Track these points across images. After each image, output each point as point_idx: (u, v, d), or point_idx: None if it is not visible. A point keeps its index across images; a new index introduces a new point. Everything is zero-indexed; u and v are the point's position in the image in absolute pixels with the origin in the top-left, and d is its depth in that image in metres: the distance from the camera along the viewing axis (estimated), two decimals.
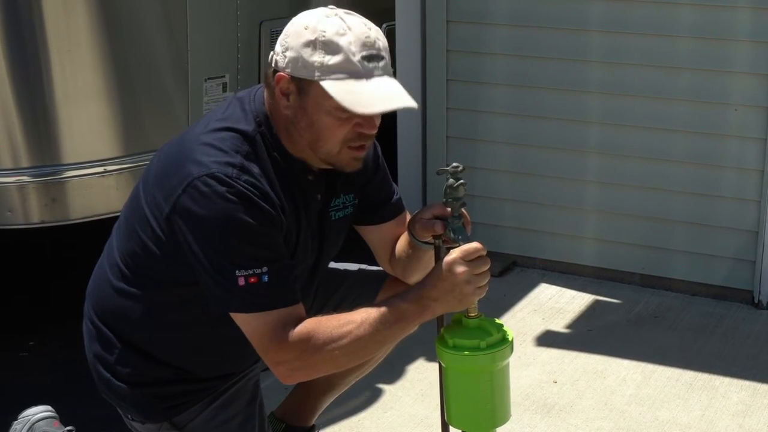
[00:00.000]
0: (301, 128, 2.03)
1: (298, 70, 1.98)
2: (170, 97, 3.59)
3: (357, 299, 2.48)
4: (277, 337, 1.99)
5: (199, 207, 1.97)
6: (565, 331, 3.73)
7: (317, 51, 1.96)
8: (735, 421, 3.11)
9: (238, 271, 1.97)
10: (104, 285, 2.24)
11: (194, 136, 2.08)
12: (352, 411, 3.13)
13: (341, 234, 2.31)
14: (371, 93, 1.97)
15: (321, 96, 1.97)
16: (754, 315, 3.83)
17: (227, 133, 2.05)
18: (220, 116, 2.11)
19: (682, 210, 3.94)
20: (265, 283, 1.97)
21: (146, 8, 3.49)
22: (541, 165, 4.13)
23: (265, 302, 1.99)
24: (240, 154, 2.01)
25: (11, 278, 4.18)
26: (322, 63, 1.95)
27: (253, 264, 1.97)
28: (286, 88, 2.01)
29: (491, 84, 4.14)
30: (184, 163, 2.02)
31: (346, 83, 1.96)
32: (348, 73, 1.96)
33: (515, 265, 4.26)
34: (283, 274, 2.00)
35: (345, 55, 1.95)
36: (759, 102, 3.72)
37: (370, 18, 2.08)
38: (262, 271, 1.97)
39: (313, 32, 1.97)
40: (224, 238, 1.97)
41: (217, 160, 1.99)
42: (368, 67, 1.97)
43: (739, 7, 3.68)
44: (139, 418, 2.26)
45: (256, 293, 1.98)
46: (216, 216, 1.96)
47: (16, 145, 3.29)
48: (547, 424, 3.10)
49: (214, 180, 1.97)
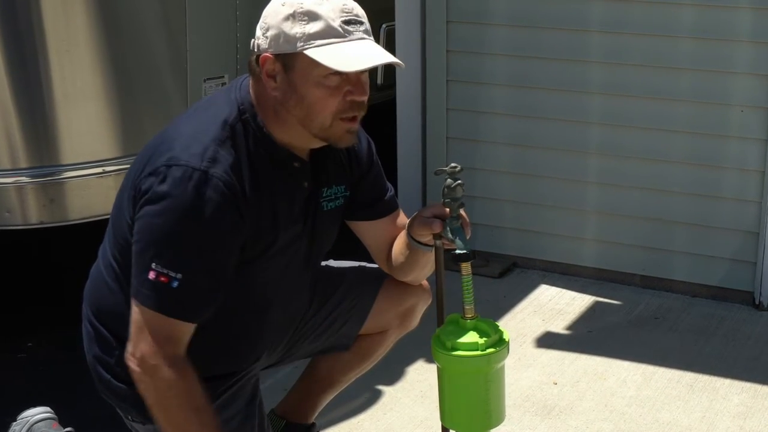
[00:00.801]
0: (291, 106, 2.04)
1: (281, 46, 2.00)
2: (169, 98, 3.59)
3: (356, 299, 2.48)
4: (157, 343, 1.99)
5: (156, 190, 1.98)
6: (566, 333, 3.73)
7: (297, 22, 1.99)
8: (736, 422, 3.11)
9: (155, 263, 1.98)
10: (100, 285, 2.24)
11: (175, 125, 2.10)
12: (351, 412, 3.13)
13: (334, 225, 2.31)
14: (356, 52, 1.99)
15: (308, 66, 1.99)
16: (755, 316, 3.83)
17: (207, 121, 2.06)
18: (204, 104, 2.13)
19: (682, 211, 3.94)
20: (173, 288, 1.98)
21: (145, 9, 3.48)
22: (542, 166, 4.12)
23: (164, 307, 1.99)
24: (215, 143, 2.02)
25: (10, 279, 4.18)
26: (304, 32, 1.98)
27: (172, 265, 1.97)
28: (272, 69, 2.02)
29: (491, 84, 4.13)
30: (160, 149, 2.04)
31: (329, 48, 1.98)
32: (330, 37, 1.98)
33: (515, 266, 4.26)
34: (195, 287, 2.00)
35: (325, 21, 1.98)
36: (760, 103, 3.72)
37: (370, 19, 2.08)
38: (175, 275, 1.97)
39: (291, 6, 2.00)
40: (160, 227, 1.98)
41: (189, 149, 2.00)
42: (349, 29, 2.00)
43: (739, 8, 3.68)
44: (140, 419, 2.26)
45: (161, 293, 1.99)
46: (166, 204, 1.98)
47: (14, 146, 3.29)
48: (547, 426, 3.09)
49: (179, 170, 1.98)
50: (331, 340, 2.51)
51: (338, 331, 2.50)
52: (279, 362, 2.52)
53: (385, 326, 2.52)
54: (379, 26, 4.52)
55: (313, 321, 2.46)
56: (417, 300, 2.50)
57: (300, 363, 2.66)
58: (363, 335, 2.53)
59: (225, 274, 2.06)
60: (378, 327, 2.52)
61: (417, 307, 2.52)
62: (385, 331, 2.53)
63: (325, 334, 2.49)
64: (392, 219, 2.37)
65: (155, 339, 2.00)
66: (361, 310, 2.49)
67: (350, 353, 2.55)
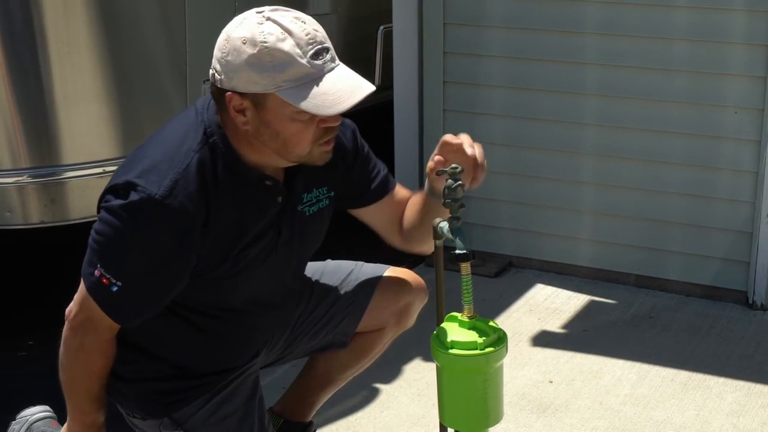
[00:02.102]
0: (265, 140, 2.02)
1: (250, 86, 1.95)
2: (169, 99, 3.60)
3: (353, 297, 2.50)
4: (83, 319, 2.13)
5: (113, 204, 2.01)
6: (561, 332, 3.75)
7: (264, 65, 1.92)
8: (729, 420, 3.13)
9: (100, 263, 2.04)
10: None
11: (147, 146, 2.10)
12: (349, 410, 3.14)
13: (321, 226, 2.31)
14: (331, 91, 1.95)
15: (280, 105, 1.95)
16: (749, 315, 3.85)
17: (174, 146, 2.04)
18: (175, 125, 2.11)
19: (677, 211, 3.96)
20: (112, 292, 2.05)
21: (145, 10, 3.50)
22: (538, 166, 4.15)
23: (101, 301, 2.08)
24: (176, 171, 2.01)
25: (10, 278, 4.19)
26: (273, 76, 1.93)
27: (116, 273, 2.03)
28: (240, 105, 1.98)
29: (488, 86, 4.15)
30: (128, 167, 2.06)
31: (303, 89, 1.94)
32: (301, 77, 1.94)
33: (511, 266, 4.28)
34: (131, 298, 2.07)
35: (294, 60, 1.93)
36: (753, 104, 3.74)
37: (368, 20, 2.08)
38: (116, 282, 2.04)
39: (253, 45, 1.93)
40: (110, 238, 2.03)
41: (150, 174, 2.00)
42: (318, 65, 1.95)
43: (733, 10, 3.70)
44: (140, 415, 2.29)
45: (100, 291, 2.06)
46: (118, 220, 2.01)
47: (15, 146, 3.30)
48: (542, 424, 3.12)
49: (136, 194, 1.99)
50: (328, 338, 2.53)
51: (335, 328, 2.51)
52: (278, 360, 2.54)
53: (381, 324, 2.53)
54: (377, 28, 4.54)
55: (310, 319, 2.47)
56: (413, 298, 2.52)
57: (298, 361, 2.67)
58: (360, 333, 2.54)
59: (166, 291, 2.12)
60: (374, 325, 2.53)
61: (413, 305, 2.54)
62: (381, 329, 2.54)
63: (322, 332, 2.51)
64: (393, 196, 2.36)
65: (86, 316, 2.12)
66: (358, 308, 2.50)
67: (347, 351, 2.56)
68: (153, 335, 2.22)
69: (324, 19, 4.27)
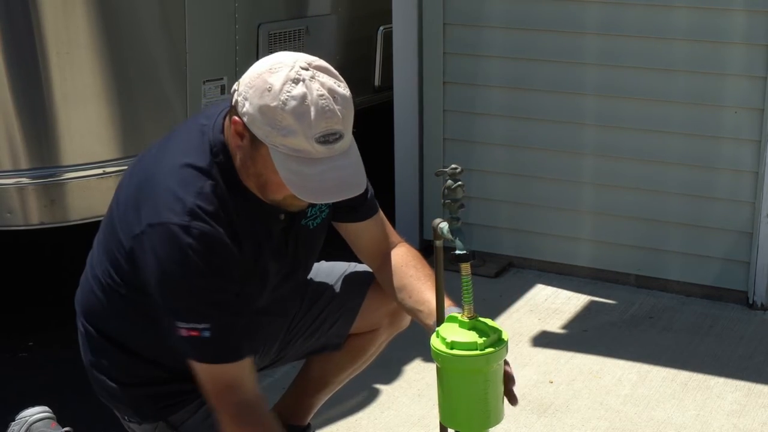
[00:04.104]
0: (249, 172, 2.03)
1: (254, 127, 1.95)
2: (169, 99, 3.60)
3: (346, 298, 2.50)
4: (219, 392, 2.04)
5: (151, 255, 2.00)
6: (561, 332, 3.75)
7: (274, 122, 1.92)
8: (729, 420, 3.14)
9: (179, 322, 2.01)
10: (89, 295, 2.26)
11: (160, 173, 2.06)
12: (349, 411, 3.15)
13: (321, 238, 2.33)
14: (319, 179, 1.94)
15: (269, 159, 1.96)
16: (749, 316, 3.85)
17: (187, 172, 2.03)
18: (182, 147, 2.08)
19: (677, 211, 3.97)
20: (206, 338, 2.00)
21: (145, 10, 3.50)
22: (538, 167, 4.15)
23: (207, 356, 2.03)
24: (197, 198, 2.00)
25: (11, 279, 4.19)
26: (276, 135, 1.92)
27: (195, 318, 2.00)
28: (240, 131, 1.99)
29: (488, 86, 4.15)
30: (146, 201, 2.04)
31: (294, 161, 1.93)
32: (300, 152, 1.93)
33: (511, 266, 4.28)
34: (227, 329, 2.03)
35: (301, 137, 1.91)
36: (753, 104, 3.74)
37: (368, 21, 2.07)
38: (203, 326, 2.00)
39: (274, 99, 1.91)
40: (170, 290, 2.01)
41: (171, 207, 1.99)
42: (321, 150, 1.93)
43: (733, 10, 3.70)
44: (136, 419, 2.29)
45: (197, 346, 2.02)
46: (165, 268, 1.99)
47: (15, 147, 3.30)
48: (543, 424, 3.12)
49: (164, 232, 1.98)
50: (322, 340, 2.53)
51: (329, 330, 2.51)
52: (272, 364, 2.54)
53: (375, 325, 2.53)
54: (377, 29, 4.55)
55: (303, 321, 2.48)
56: None
57: (298, 363, 2.68)
58: (354, 334, 2.54)
59: (244, 305, 2.10)
60: (368, 326, 2.53)
61: None
62: (375, 329, 2.54)
63: (316, 334, 2.51)
64: (375, 221, 2.36)
65: (218, 391, 2.05)
66: (351, 309, 2.50)
67: (342, 353, 2.56)
68: (149, 341, 2.22)
69: (324, 19, 4.34)
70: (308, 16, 4.24)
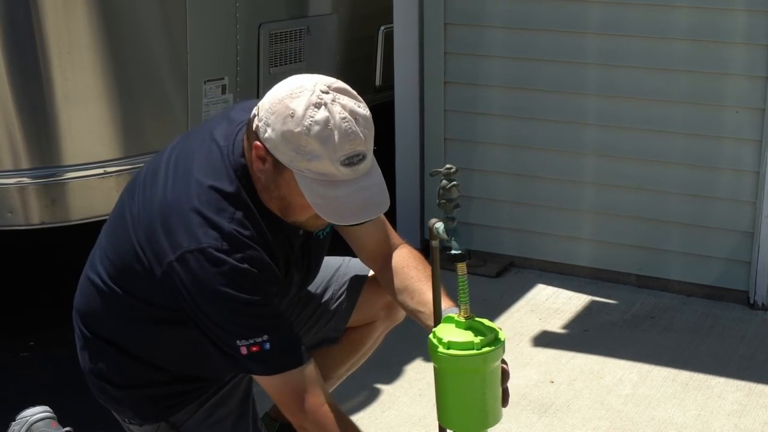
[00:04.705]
0: (272, 194, 2.03)
1: (277, 152, 1.95)
2: (170, 99, 3.61)
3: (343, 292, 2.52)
4: (296, 400, 2.05)
5: (193, 281, 1.98)
6: (562, 332, 3.75)
7: (298, 149, 1.91)
8: (730, 420, 3.13)
9: (239, 341, 2.01)
10: (88, 297, 2.25)
11: (187, 196, 2.04)
12: (349, 411, 3.14)
13: (327, 245, 2.35)
14: (345, 201, 1.95)
15: (293, 183, 1.96)
16: (750, 315, 3.85)
17: (215, 196, 2.02)
18: (205, 170, 2.06)
19: (678, 211, 3.97)
20: (268, 350, 2.01)
21: (146, 10, 3.50)
22: (539, 167, 4.15)
23: (274, 367, 2.04)
24: (231, 222, 2.00)
25: (12, 278, 4.20)
26: (300, 160, 1.92)
27: (253, 334, 2.00)
28: (263, 156, 1.98)
29: (488, 86, 4.16)
30: (173, 224, 2.01)
31: (320, 185, 1.94)
32: (326, 175, 1.93)
33: (512, 266, 4.28)
34: (284, 337, 2.04)
35: (326, 161, 1.91)
36: (754, 104, 3.74)
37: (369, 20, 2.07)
38: (263, 339, 2.00)
39: (297, 125, 1.91)
40: (220, 313, 2.00)
41: (208, 232, 1.98)
42: (346, 172, 1.93)
43: (734, 10, 3.70)
44: (137, 421, 2.29)
45: (262, 360, 2.02)
46: (209, 292, 1.98)
47: (16, 147, 3.31)
48: (544, 424, 3.12)
49: (204, 257, 1.97)
50: (319, 335, 2.54)
51: (326, 324, 2.53)
52: None
53: (372, 317, 2.55)
54: (378, 29, 4.55)
55: (301, 316, 2.49)
56: None
57: None
58: (351, 328, 2.56)
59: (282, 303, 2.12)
60: (365, 319, 2.55)
61: None
62: (372, 322, 2.56)
63: (313, 329, 2.52)
64: (376, 223, 2.36)
65: (295, 401, 2.06)
66: (348, 303, 2.52)
67: (339, 347, 2.57)
68: (149, 343, 2.22)
69: (325, 19, 4.34)
70: (309, 15, 4.24)
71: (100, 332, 2.25)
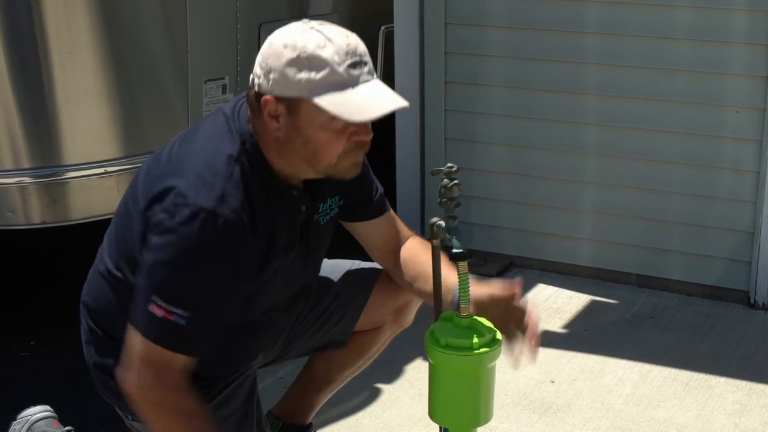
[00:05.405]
0: (295, 147, 2.02)
1: (285, 90, 1.96)
2: (170, 99, 3.61)
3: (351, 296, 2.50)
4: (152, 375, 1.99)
5: (167, 225, 1.98)
6: (563, 331, 3.75)
7: (302, 68, 1.94)
8: (731, 420, 3.14)
9: (158, 298, 1.97)
10: (98, 291, 2.26)
11: (182, 154, 2.06)
12: (350, 410, 3.15)
13: (330, 234, 2.33)
14: (363, 100, 1.97)
15: (313, 112, 1.96)
16: (750, 315, 3.85)
17: (214, 156, 2.03)
18: (207, 133, 2.08)
19: (678, 211, 3.97)
20: (178, 326, 1.97)
21: (146, 10, 3.50)
22: (539, 166, 4.15)
23: (164, 341, 1.99)
24: (223, 181, 2.00)
25: (12, 278, 4.20)
26: (309, 79, 1.94)
27: (179, 303, 1.97)
28: (275, 110, 1.99)
29: (489, 86, 4.16)
30: (169, 180, 2.02)
31: (336, 95, 1.95)
32: (336, 84, 1.95)
33: (513, 266, 4.28)
34: (202, 326, 2.01)
35: (330, 67, 1.94)
36: (755, 104, 3.74)
37: (369, 20, 2.09)
38: (181, 313, 1.97)
39: (294, 49, 1.95)
40: (166, 264, 1.98)
41: (198, 187, 1.98)
42: (354, 74, 1.97)
43: (734, 10, 3.70)
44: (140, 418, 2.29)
45: (163, 328, 1.98)
46: (173, 241, 1.97)
47: (17, 146, 3.31)
48: (544, 424, 3.12)
49: (187, 209, 1.96)
50: (326, 338, 2.53)
51: (333, 327, 2.52)
52: (275, 360, 2.54)
53: (379, 322, 2.54)
54: (378, 28, 4.55)
55: (308, 318, 2.47)
56: (411, 296, 2.50)
57: (300, 362, 2.68)
58: (358, 332, 2.55)
59: (230, 310, 2.08)
60: (373, 323, 2.54)
61: (411, 303, 2.54)
62: (380, 327, 2.55)
63: (320, 331, 2.51)
64: (386, 218, 2.37)
65: (154, 368, 2.00)
66: (356, 307, 2.50)
67: (346, 350, 2.56)
68: None
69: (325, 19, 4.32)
70: (310, 15, 4.24)
71: (105, 326, 2.25)
